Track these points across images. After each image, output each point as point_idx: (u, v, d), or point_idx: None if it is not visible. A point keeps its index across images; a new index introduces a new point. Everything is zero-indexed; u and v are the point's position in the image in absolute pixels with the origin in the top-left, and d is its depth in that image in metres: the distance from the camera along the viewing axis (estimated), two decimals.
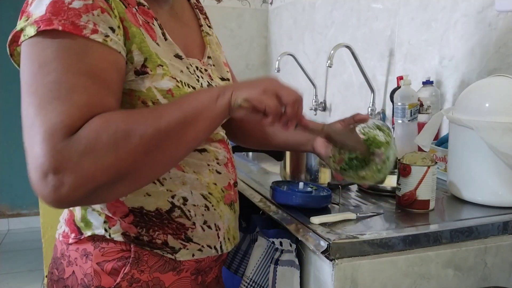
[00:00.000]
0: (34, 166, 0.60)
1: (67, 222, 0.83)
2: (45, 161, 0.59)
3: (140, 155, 0.64)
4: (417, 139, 1.12)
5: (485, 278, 0.85)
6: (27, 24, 0.66)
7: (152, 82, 0.73)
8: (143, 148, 0.64)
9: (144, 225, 0.78)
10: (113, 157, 0.62)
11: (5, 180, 3.79)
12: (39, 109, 0.62)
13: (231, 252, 1.12)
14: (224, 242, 0.87)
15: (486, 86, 0.99)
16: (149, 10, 0.78)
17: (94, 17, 0.66)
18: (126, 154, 0.63)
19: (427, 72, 1.51)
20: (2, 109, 3.74)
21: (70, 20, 0.65)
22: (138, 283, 0.79)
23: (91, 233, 0.78)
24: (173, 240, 0.80)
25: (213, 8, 2.81)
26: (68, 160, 0.60)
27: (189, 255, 0.82)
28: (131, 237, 0.78)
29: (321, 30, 2.25)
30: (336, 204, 0.98)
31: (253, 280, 0.95)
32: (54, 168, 0.59)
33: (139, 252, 0.78)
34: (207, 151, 0.84)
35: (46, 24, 0.64)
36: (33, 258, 3.11)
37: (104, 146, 0.61)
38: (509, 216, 0.89)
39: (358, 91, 1.95)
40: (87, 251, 0.79)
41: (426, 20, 1.53)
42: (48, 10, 0.65)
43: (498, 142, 0.90)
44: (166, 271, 0.81)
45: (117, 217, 0.78)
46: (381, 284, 0.79)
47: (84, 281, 0.78)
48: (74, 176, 0.60)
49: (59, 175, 0.59)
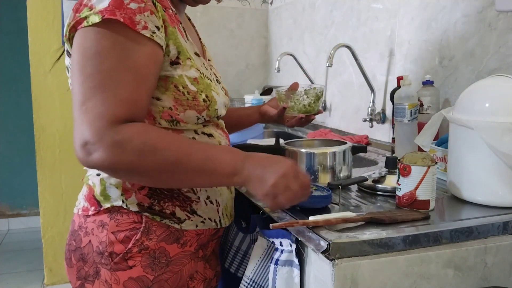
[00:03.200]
0: (79, 136, 0.76)
1: (86, 197, 0.94)
2: (89, 135, 0.75)
3: (155, 171, 0.79)
4: (417, 139, 1.12)
5: (485, 278, 0.85)
6: (91, 13, 0.79)
7: (183, 71, 0.89)
8: (160, 167, 0.78)
9: (156, 197, 0.90)
10: (135, 160, 0.77)
11: (5, 180, 3.79)
12: (91, 94, 0.77)
13: (231, 252, 1.12)
14: (223, 217, 1.00)
15: (486, 86, 0.99)
16: (176, 15, 0.93)
17: (145, 17, 0.81)
18: (145, 164, 0.77)
19: (427, 72, 1.51)
20: (2, 109, 3.73)
21: (129, 16, 0.80)
22: (146, 250, 0.90)
23: (110, 205, 0.90)
24: (180, 211, 0.92)
25: (213, 8, 2.81)
26: (105, 142, 0.75)
27: (192, 226, 0.94)
28: (145, 206, 0.90)
29: (321, 30, 2.25)
30: (336, 204, 0.98)
31: (253, 280, 0.96)
32: (93, 141, 0.75)
33: (149, 222, 0.90)
34: (213, 136, 0.98)
35: (111, 14, 0.78)
36: (33, 258, 3.11)
37: (132, 148, 0.76)
38: (509, 216, 0.89)
39: (358, 91, 1.94)
40: (103, 222, 0.90)
41: (426, 20, 1.53)
42: (111, 3, 0.79)
43: (498, 142, 0.90)
44: (171, 242, 0.92)
45: (134, 189, 0.90)
46: (381, 284, 0.79)
47: (99, 248, 0.90)
48: (104, 154, 0.75)
49: (94, 146, 0.75)
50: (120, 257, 0.89)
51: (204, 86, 0.91)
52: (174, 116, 0.89)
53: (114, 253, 0.89)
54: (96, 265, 0.90)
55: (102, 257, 0.89)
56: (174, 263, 0.92)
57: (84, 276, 0.92)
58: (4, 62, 3.67)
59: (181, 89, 0.88)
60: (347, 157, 1.13)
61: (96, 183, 0.92)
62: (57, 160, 2.52)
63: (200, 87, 0.90)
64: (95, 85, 0.77)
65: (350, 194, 1.05)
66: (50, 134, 2.48)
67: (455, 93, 1.41)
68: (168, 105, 0.88)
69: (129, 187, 0.90)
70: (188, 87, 0.88)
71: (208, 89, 0.92)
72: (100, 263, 0.90)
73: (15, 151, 3.76)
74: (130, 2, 0.80)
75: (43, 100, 2.47)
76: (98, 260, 0.90)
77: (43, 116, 2.48)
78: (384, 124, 1.79)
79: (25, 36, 2.45)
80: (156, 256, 0.90)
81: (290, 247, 0.87)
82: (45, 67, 2.45)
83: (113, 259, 0.89)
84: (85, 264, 0.92)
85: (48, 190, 2.52)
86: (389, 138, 1.72)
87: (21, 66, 3.44)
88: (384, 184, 1.05)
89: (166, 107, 0.88)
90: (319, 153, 1.09)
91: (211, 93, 0.92)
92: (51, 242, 2.56)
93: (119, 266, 0.89)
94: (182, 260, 0.94)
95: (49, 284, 2.59)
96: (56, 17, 2.44)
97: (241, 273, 1.08)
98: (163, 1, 0.89)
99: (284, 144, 1.18)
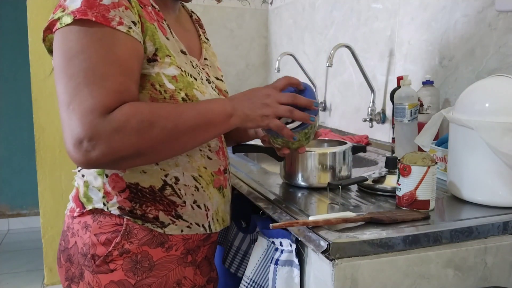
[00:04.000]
0: (70, 135, 0.75)
1: (73, 198, 0.94)
2: (82, 132, 0.73)
3: (158, 142, 0.79)
4: (417, 139, 1.12)
5: (485, 278, 0.85)
6: (64, 14, 0.79)
7: (161, 68, 0.86)
8: (161, 138, 0.78)
9: (138, 200, 0.89)
10: (137, 139, 0.76)
11: (5, 180, 3.79)
12: (77, 91, 0.75)
13: (231, 252, 1.12)
14: (212, 222, 0.97)
15: (486, 86, 0.99)
16: (159, 12, 0.91)
17: (120, 12, 0.80)
18: (147, 140, 0.77)
19: (427, 72, 1.51)
20: (2, 109, 3.73)
21: (101, 14, 0.78)
22: (128, 254, 0.88)
23: (92, 207, 0.89)
24: (164, 215, 0.90)
25: (213, 8, 2.81)
26: (102, 133, 0.74)
27: (177, 231, 0.92)
28: (126, 210, 0.88)
29: (321, 30, 2.25)
30: (336, 204, 0.98)
31: (253, 280, 0.95)
32: (88, 137, 0.73)
33: (130, 225, 0.88)
34: None
35: (82, 14, 0.77)
36: (33, 258, 3.11)
37: (131, 129, 0.75)
38: (509, 216, 0.89)
39: (358, 91, 1.94)
40: (87, 223, 0.90)
41: (426, 20, 1.53)
42: (83, 3, 0.78)
43: (498, 142, 0.90)
44: (155, 246, 0.90)
45: (115, 192, 0.88)
46: (381, 284, 0.79)
47: (83, 249, 0.90)
48: (104, 146, 0.74)
49: (91, 142, 0.74)
50: (101, 259, 0.88)
51: (184, 84, 0.88)
52: None
53: (96, 255, 0.88)
54: (80, 266, 0.90)
55: (86, 259, 0.89)
56: (158, 268, 0.91)
57: (71, 277, 0.92)
58: (4, 62, 3.67)
59: (157, 88, 0.85)
60: (347, 157, 1.13)
61: (81, 184, 0.92)
62: (57, 160, 2.52)
63: (179, 85, 0.87)
64: (79, 82, 0.75)
65: (350, 194, 1.05)
66: (50, 134, 2.48)
67: (455, 93, 1.41)
68: None
69: (110, 189, 0.88)
70: (165, 86, 0.86)
71: (189, 87, 0.89)
72: (84, 265, 0.90)
73: (15, 151, 3.76)
74: None
75: (43, 100, 2.47)
76: (82, 261, 0.90)
77: (43, 116, 2.48)
78: (384, 124, 1.79)
79: (25, 36, 2.45)
80: (138, 260, 0.89)
81: (290, 247, 0.87)
82: (45, 67, 2.45)
83: (95, 261, 0.88)
84: (71, 265, 0.92)
85: (48, 190, 2.52)
86: (389, 138, 1.72)
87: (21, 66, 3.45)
88: (384, 184, 1.04)
89: None
90: (319, 153, 1.09)
91: (192, 92, 0.89)
92: (51, 242, 2.56)
93: (100, 269, 0.88)
94: (167, 264, 0.92)
95: (49, 284, 2.59)
96: None
97: (241, 273, 1.08)
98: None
99: None
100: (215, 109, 0.84)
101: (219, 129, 0.86)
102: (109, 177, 0.88)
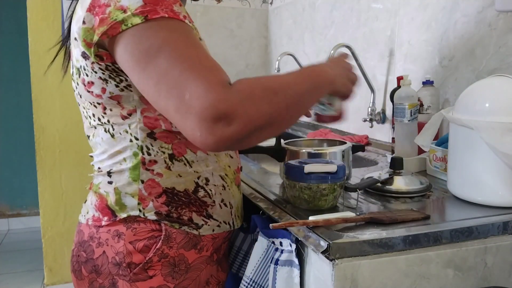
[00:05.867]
0: (198, 122, 0.67)
1: (98, 207, 0.90)
2: (215, 110, 0.66)
3: (284, 108, 0.76)
4: (417, 139, 1.12)
5: (485, 278, 0.85)
6: (128, 15, 0.73)
7: None
8: (286, 103, 0.76)
9: (174, 204, 0.89)
10: (267, 106, 0.72)
11: (5, 180, 3.79)
12: (183, 79, 0.69)
13: (233, 252, 1.12)
14: (235, 219, 1.00)
15: (486, 86, 0.99)
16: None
17: (179, 8, 0.78)
18: (276, 106, 0.74)
19: (427, 72, 1.51)
20: (2, 109, 3.73)
21: (170, 8, 0.75)
22: (166, 258, 0.88)
23: (126, 214, 0.87)
24: (197, 216, 0.91)
25: (213, 8, 2.81)
26: (237, 105, 0.68)
27: (209, 230, 0.93)
28: (163, 214, 0.88)
29: (321, 30, 2.25)
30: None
31: (253, 280, 0.95)
32: (225, 112, 0.67)
33: (169, 230, 0.88)
34: None
35: (154, 13, 0.73)
36: (33, 258, 3.11)
37: (259, 98, 0.72)
38: (509, 216, 0.89)
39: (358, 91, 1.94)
40: (119, 231, 0.87)
41: (426, 20, 1.53)
42: (145, 1, 0.74)
43: (498, 142, 0.90)
44: (189, 248, 0.90)
45: (151, 197, 0.87)
46: (381, 284, 0.79)
47: (115, 259, 0.87)
48: (242, 118, 0.68)
49: (228, 118, 0.67)
50: (140, 267, 0.86)
51: None
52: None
53: (133, 264, 0.86)
54: (112, 276, 0.88)
55: (120, 268, 0.87)
56: (193, 269, 0.91)
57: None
58: (4, 62, 3.67)
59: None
60: (347, 157, 1.12)
61: (110, 191, 0.89)
62: (57, 160, 2.52)
63: None
64: (180, 71, 0.70)
65: (350, 194, 1.05)
66: (50, 134, 2.49)
67: (455, 93, 1.41)
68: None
69: (146, 195, 0.87)
70: None
71: None
72: (117, 274, 0.87)
73: (15, 151, 3.76)
74: None
75: (43, 100, 2.47)
76: (114, 271, 0.87)
77: (43, 116, 2.48)
78: (384, 124, 1.79)
79: (25, 36, 2.45)
80: (176, 263, 0.89)
81: (290, 247, 0.87)
82: (45, 67, 2.45)
83: (132, 269, 0.86)
84: (98, 276, 0.89)
85: (48, 190, 2.52)
86: (389, 138, 1.72)
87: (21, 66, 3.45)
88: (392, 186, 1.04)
89: None
90: (319, 153, 1.09)
91: None
92: (51, 242, 2.56)
93: (138, 276, 0.87)
94: (199, 265, 0.92)
95: (49, 284, 2.59)
96: (56, 17, 2.44)
97: (242, 273, 1.08)
98: None
99: (284, 144, 1.18)
100: (321, 74, 0.88)
101: (324, 92, 0.90)
102: (145, 182, 0.87)
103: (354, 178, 1.18)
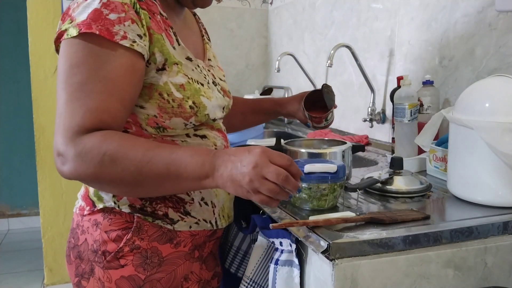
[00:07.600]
0: (54, 147, 0.80)
1: (83, 197, 0.96)
2: (58, 146, 0.79)
3: (117, 180, 0.79)
4: (417, 139, 1.12)
5: (485, 278, 0.85)
6: (71, 26, 0.82)
7: (169, 77, 0.88)
8: (121, 177, 0.78)
9: (148, 198, 0.91)
10: (95, 170, 0.77)
11: (5, 180, 3.79)
12: (64, 105, 0.80)
13: (231, 252, 1.12)
14: (219, 219, 0.99)
15: (486, 86, 0.99)
16: (167, 20, 0.92)
17: (125, 27, 0.82)
18: (106, 174, 0.78)
19: (427, 72, 1.51)
20: (2, 109, 3.73)
21: (106, 27, 0.80)
22: (138, 249, 0.90)
23: (103, 205, 0.92)
24: (173, 212, 0.93)
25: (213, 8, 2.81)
26: (68, 154, 0.78)
27: (186, 227, 0.94)
28: (136, 208, 0.91)
29: (321, 30, 2.25)
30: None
31: (253, 280, 0.96)
32: (61, 153, 0.78)
33: (141, 222, 0.91)
34: (207, 137, 0.97)
35: (87, 28, 0.80)
36: (33, 258, 3.11)
37: (91, 159, 0.77)
38: (509, 216, 0.89)
39: (358, 91, 1.94)
40: (97, 221, 0.92)
41: (426, 20, 1.53)
42: (89, 17, 0.81)
43: (498, 142, 0.90)
44: (164, 242, 0.92)
45: None
46: (381, 284, 0.79)
47: (93, 246, 0.92)
48: (69, 166, 0.78)
49: (62, 158, 0.79)
50: (112, 255, 0.90)
51: (191, 92, 0.90)
52: (160, 123, 0.89)
53: (107, 252, 0.90)
54: (91, 263, 0.92)
55: (96, 255, 0.91)
56: (167, 263, 0.93)
57: (81, 273, 0.94)
58: (4, 62, 3.67)
59: (165, 97, 0.87)
60: (347, 157, 1.13)
61: None
62: None
63: (186, 93, 0.89)
64: (67, 98, 0.80)
65: (350, 194, 1.05)
66: (50, 134, 2.48)
67: (455, 93, 1.41)
68: (153, 113, 0.88)
69: None
70: (173, 95, 0.88)
71: (196, 95, 0.91)
72: (94, 261, 0.92)
73: (15, 151, 3.76)
74: (110, 12, 0.81)
75: (43, 100, 2.47)
76: (92, 258, 0.92)
77: (43, 116, 2.48)
78: (384, 124, 1.79)
79: (25, 36, 2.45)
80: (148, 255, 0.91)
81: (290, 247, 0.87)
82: (45, 67, 2.45)
83: (106, 257, 0.90)
84: (81, 262, 0.94)
85: (48, 190, 2.52)
86: (389, 138, 1.72)
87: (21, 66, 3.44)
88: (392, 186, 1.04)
89: (151, 115, 0.88)
90: (319, 153, 1.09)
91: (200, 99, 0.91)
92: (51, 242, 2.56)
93: (111, 264, 0.90)
94: (175, 260, 0.94)
95: (49, 284, 2.59)
96: (56, 17, 2.44)
97: (241, 273, 1.08)
98: (152, 6, 0.88)
99: (284, 144, 1.18)
100: (190, 164, 0.77)
101: (189, 186, 0.80)
102: None
103: (354, 178, 1.19)
